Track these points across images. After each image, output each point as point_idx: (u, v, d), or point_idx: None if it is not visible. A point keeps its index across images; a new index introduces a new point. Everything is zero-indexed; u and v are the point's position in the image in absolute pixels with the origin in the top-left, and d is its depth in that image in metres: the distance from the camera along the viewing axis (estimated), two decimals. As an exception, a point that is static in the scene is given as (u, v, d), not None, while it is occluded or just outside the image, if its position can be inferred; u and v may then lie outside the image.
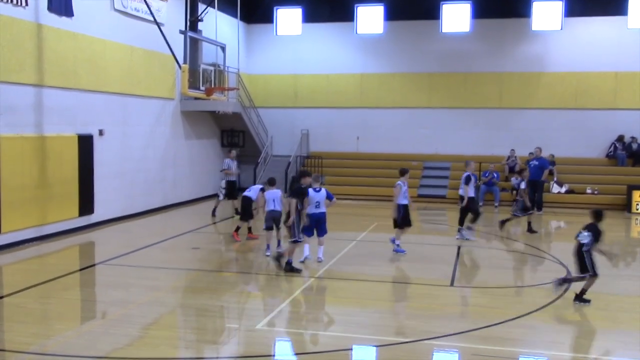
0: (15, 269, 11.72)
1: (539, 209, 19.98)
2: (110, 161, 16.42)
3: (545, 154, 22.33)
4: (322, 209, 11.81)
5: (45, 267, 11.97)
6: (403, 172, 13.27)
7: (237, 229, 14.55)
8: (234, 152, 18.57)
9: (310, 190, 11.67)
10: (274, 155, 25.13)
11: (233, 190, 18.06)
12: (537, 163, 19.93)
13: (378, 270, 11.74)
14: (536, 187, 19.97)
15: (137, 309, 8.98)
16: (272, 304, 9.28)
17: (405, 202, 13.12)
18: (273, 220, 12.77)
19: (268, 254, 12.58)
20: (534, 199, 20.12)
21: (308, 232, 11.82)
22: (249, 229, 14.61)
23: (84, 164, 15.19)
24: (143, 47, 17.64)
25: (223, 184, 18.07)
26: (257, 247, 14.51)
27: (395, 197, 13.02)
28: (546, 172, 19.88)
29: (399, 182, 13.05)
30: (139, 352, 7.33)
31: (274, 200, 12.69)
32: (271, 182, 13.05)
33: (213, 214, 18.02)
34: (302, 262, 11.87)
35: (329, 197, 11.79)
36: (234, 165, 18.07)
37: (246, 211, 14.13)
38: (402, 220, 13.12)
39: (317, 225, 11.84)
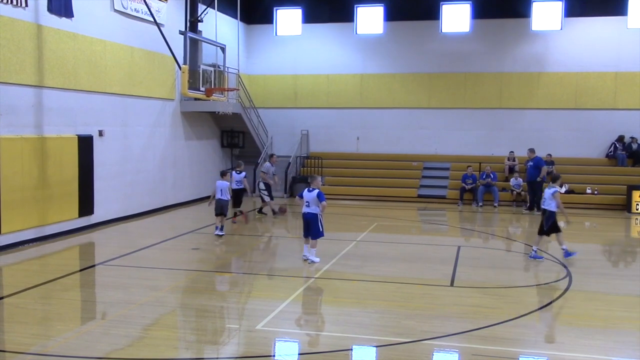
0: (16, 270, 11.73)
1: (538, 209, 19.99)
2: (110, 162, 16.43)
3: (543, 154, 22.41)
4: (312, 210, 11.84)
5: (46, 267, 11.98)
6: (556, 178, 12.89)
7: (235, 214, 16.98)
8: (275, 157, 19.46)
9: (305, 190, 12.06)
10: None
11: (269, 191, 18.59)
12: (531, 164, 20.09)
13: (378, 270, 11.74)
14: (534, 188, 20.07)
15: (137, 310, 8.99)
16: (272, 304, 9.28)
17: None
18: (221, 207, 14.84)
19: (217, 233, 14.81)
20: (534, 199, 20.20)
21: (303, 232, 12.12)
22: (239, 212, 17.18)
23: (84, 165, 15.19)
24: (143, 48, 17.65)
25: (262, 185, 18.38)
26: (257, 246, 14.54)
27: (559, 204, 12.54)
28: (544, 169, 19.94)
29: (555, 188, 12.62)
30: (139, 353, 7.33)
31: (221, 190, 14.82)
32: (222, 174, 15.41)
33: (274, 213, 18.32)
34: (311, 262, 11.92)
35: (320, 198, 11.74)
36: (272, 168, 18.64)
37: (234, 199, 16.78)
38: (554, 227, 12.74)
39: (307, 225, 11.94)
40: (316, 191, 11.81)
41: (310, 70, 25.15)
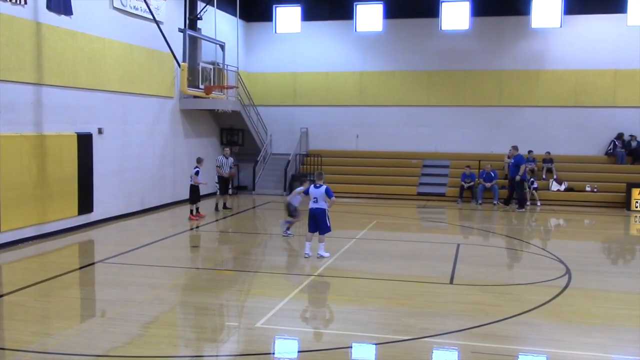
0: (15, 268, 11.73)
1: (521, 206, 20.15)
2: (109, 160, 16.41)
3: (542, 151, 22.48)
4: (320, 205, 12.02)
5: (45, 265, 11.97)
6: None
7: (191, 211, 17.14)
8: (227, 150, 19.43)
9: (312, 186, 12.13)
10: (274, 153, 25.15)
11: (222, 185, 18.79)
12: (512, 161, 20.22)
13: (377, 268, 11.75)
14: (514, 185, 20.27)
15: (137, 307, 8.99)
16: (271, 301, 9.28)
17: None
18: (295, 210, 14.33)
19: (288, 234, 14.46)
20: (511, 196, 20.41)
21: (309, 228, 12.15)
22: (197, 209, 17.27)
23: (84, 163, 15.18)
24: (142, 46, 17.63)
25: (216, 179, 18.64)
26: (257, 244, 14.54)
27: None
28: (522, 167, 20.01)
29: None
30: (139, 351, 7.34)
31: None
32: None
33: (216, 209, 18.43)
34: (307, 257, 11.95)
35: (329, 194, 11.92)
36: (226, 162, 18.74)
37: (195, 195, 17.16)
38: None
39: (315, 221, 12.06)
40: (324, 187, 12.01)
41: (310, 67, 25.12)
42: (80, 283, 10.88)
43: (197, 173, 17.10)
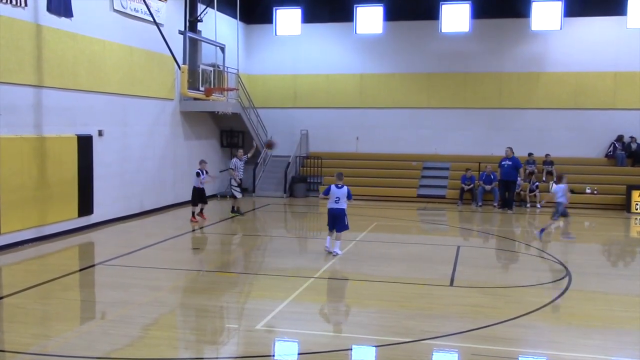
0: (15, 270, 11.73)
1: (510, 207, 20.17)
2: (109, 162, 16.41)
3: (542, 153, 22.46)
4: (341, 205, 12.55)
5: (45, 267, 11.97)
6: None
7: (193, 213, 17.14)
8: (240, 152, 18.72)
9: (333, 186, 12.60)
10: (274, 155, 25.12)
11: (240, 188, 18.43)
12: (510, 163, 20.19)
13: (377, 270, 11.75)
14: (508, 187, 20.29)
15: (137, 310, 8.99)
16: (271, 304, 9.28)
17: None
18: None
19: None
20: (504, 197, 20.42)
21: (329, 227, 12.69)
22: (201, 210, 17.32)
23: (84, 165, 15.18)
24: (142, 48, 17.64)
25: (233, 182, 18.18)
26: (256, 246, 14.52)
27: None
28: (521, 170, 20.09)
29: None
30: (139, 353, 7.33)
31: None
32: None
33: (239, 212, 18.18)
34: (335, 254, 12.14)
35: (349, 196, 12.52)
36: (240, 164, 18.18)
37: (198, 197, 17.26)
38: None
39: (334, 220, 12.54)
40: (345, 188, 12.55)
41: (310, 70, 25.14)
42: (80, 285, 10.88)
43: (197, 174, 17.14)
